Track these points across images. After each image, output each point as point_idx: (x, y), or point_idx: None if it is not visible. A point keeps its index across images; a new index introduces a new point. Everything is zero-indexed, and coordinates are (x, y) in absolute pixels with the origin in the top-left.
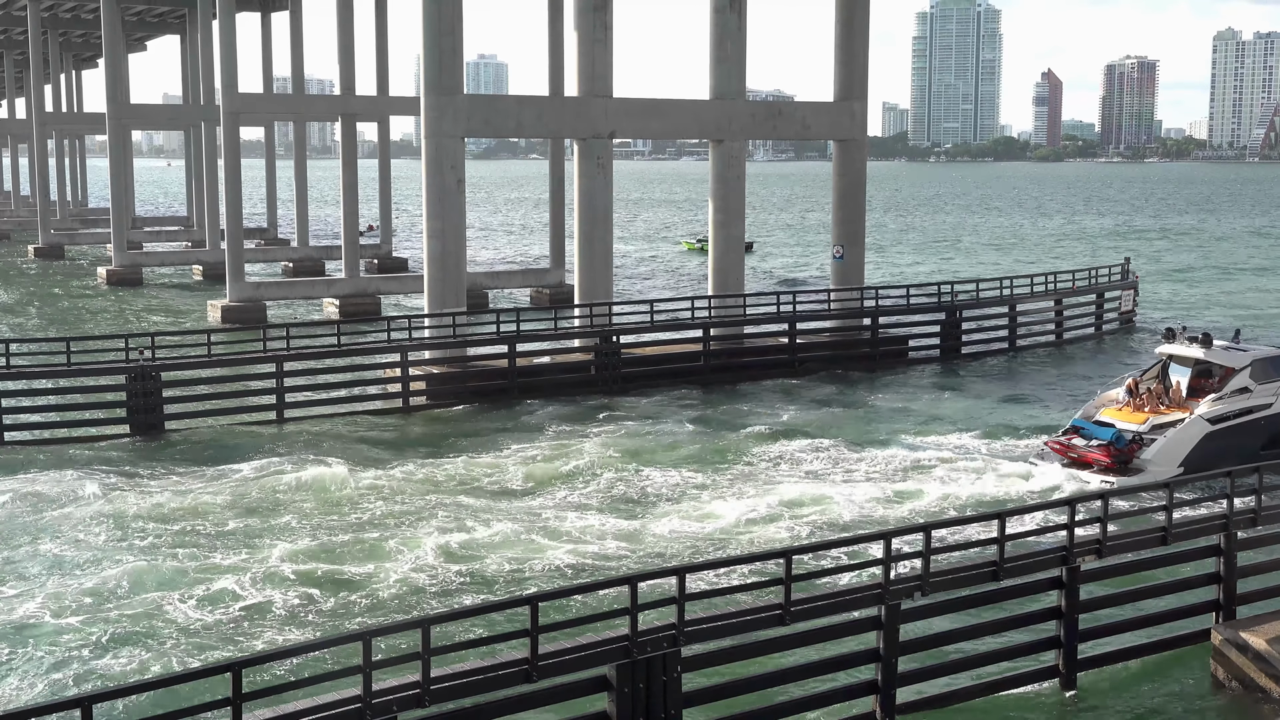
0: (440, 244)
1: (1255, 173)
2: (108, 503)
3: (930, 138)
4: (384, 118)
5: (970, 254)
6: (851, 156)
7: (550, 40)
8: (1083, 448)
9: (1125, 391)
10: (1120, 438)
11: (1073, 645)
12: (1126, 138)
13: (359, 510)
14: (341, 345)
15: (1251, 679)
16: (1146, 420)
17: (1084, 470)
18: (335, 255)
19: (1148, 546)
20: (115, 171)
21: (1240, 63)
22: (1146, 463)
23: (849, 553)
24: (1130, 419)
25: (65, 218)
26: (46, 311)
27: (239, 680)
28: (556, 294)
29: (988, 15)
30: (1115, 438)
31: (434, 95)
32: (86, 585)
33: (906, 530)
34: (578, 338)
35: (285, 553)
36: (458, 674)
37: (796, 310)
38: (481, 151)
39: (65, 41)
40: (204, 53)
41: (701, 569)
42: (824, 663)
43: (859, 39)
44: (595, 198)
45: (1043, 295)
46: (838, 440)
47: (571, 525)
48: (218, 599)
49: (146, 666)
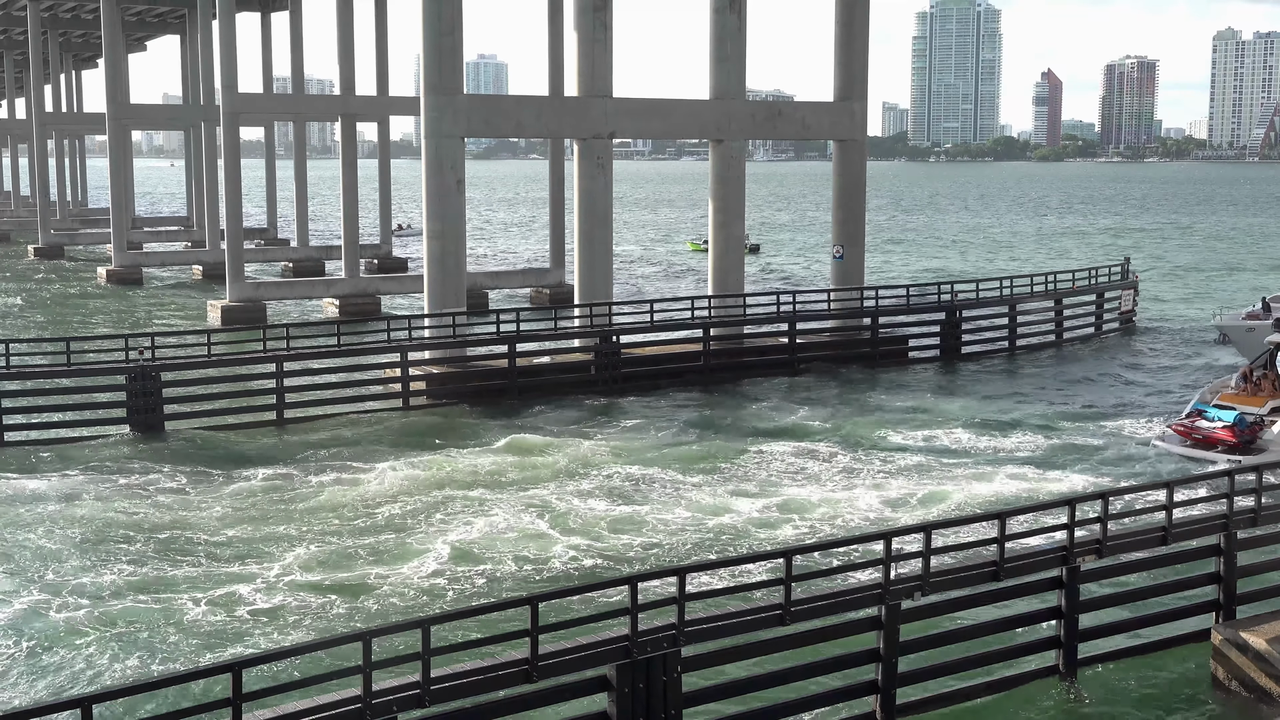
0: (440, 244)
1: (1255, 172)
2: (108, 503)
3: (930, 138)
4: (384, 118)
5: (970, 254)
6: (851, 156)
7: (550, 40)
8: (1207, 428)
9: (1240, 378)
10: (1243, 420)
11: (1073, 645)
12: (1126, 138)
13: (359, 510)
14: (341, 345)
15: (1251, 679)
16: (1265, 404)
17: (1208, 451)
18: (335, 255)
19: (1148, 546)
20: (115, 171)
21: (1240, 62)
22: (1269, 443)
23: (849, 553)
24: (1249, 403)
25: (65, 218)
26: (46, 311)
27: (239, 680)
28: (556, 294)
29: (988, 15)
30: (1238, 420)
31: (434, 95)
32: (87, 585)
33: (906, 530)
34: (578, 338)
35: (287, 553)
36: (458, 674)
37: (796, 310)
38: (481, 151)
39: (65, 41)
40: (204, 53)
41: (701, 569)
42: (824, 663)
43: (859, 39)
44: (595, 198)
45: (1043, 295)
46: (838, 440)
47: (572, 525)
48: (218, 599)
49: (147, 667)
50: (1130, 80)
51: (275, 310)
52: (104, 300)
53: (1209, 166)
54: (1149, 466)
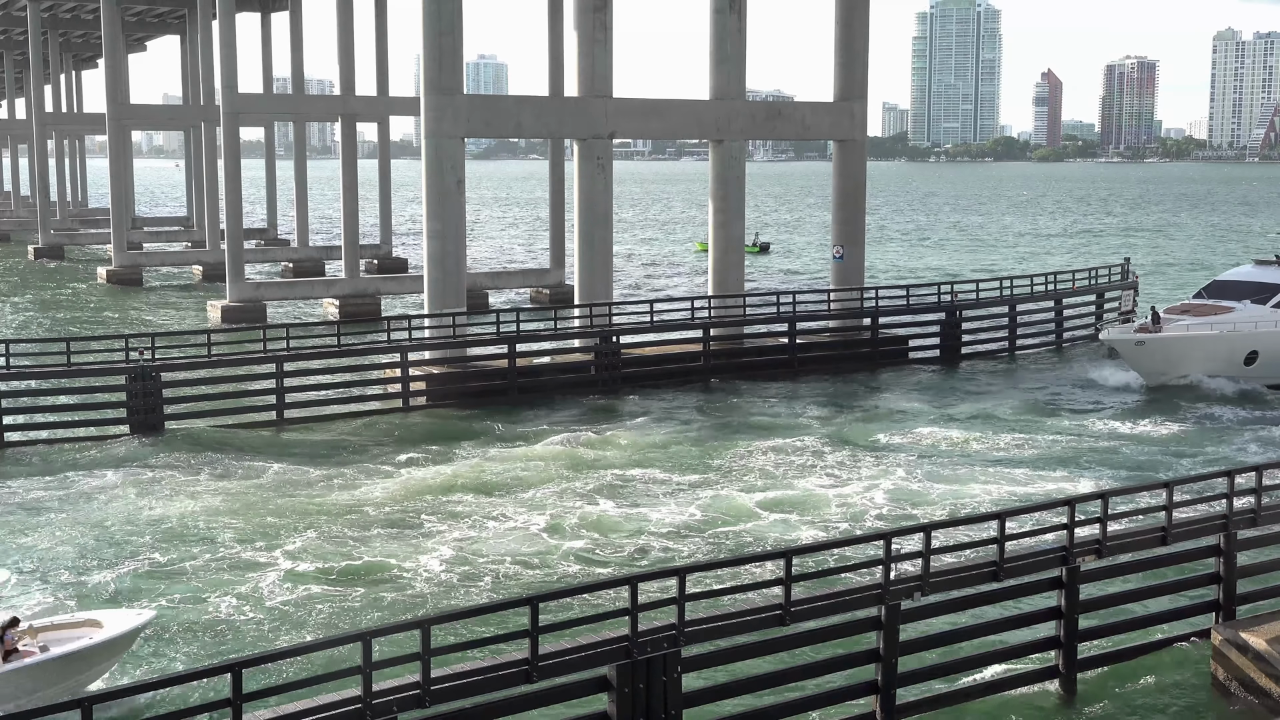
0: (440, 244)
1: (1255, 172)
2: (108, 503)
3: (930, 138)
4: (384, 118)
5: (970, 254)
6: (851, 157)
7: (550, 40)
8: None
9: None
10: None
11: (1073, 645)
12: (1126, 138)
13: (359, 510)
14: (341, 345)
15: (1251, 679)
16: None
17: None
18: (335, 255)
19: (1148, 546)
20: (115, 171)
21: (1240, 63)
22: None
23: (849, 553)
24: None
25: (65, 218)
26: (46, 312)
27: (239, 680)
28: (556, 294)
29: (988, 15)
30: None
31: (434, 95)
32: (87, 585)
33: (906, 530)
34: (578, 338)
35: (287, 554)
36: (458, 674)
37: (796, 310)
38: (481, 151)
39: (65, 42)
40: (204, 53)
41: (701, 569)
42: (824, 663)
43: (859, 39)
44: (595, 198)
45: (1043, 295)
46: (838, 441)
47: (572, 525)
48: (218, 599)
49: (147, 666)
50: (1130, 80)
51: (275, 310)
52: (104, 300)
53: (1209, 167)
54: (1150, 467)
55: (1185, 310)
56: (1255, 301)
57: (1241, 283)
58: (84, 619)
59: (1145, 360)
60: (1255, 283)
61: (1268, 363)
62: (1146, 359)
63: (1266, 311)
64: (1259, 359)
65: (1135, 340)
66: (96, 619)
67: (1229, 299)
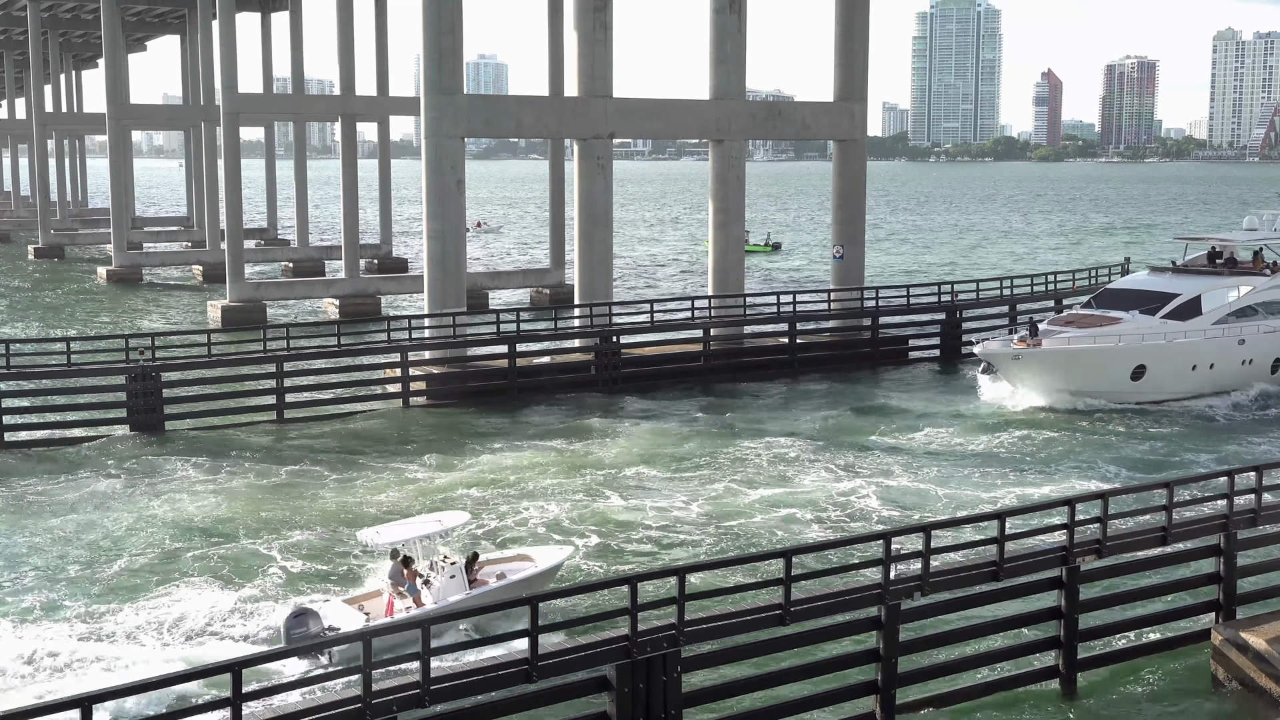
0: (440, 244)
1: (1255, 172)
2: (108, 503)
3: (930, 138)
4: (384, 118)
5: (969, 253)
6: (851, 157)
7: (550, 40)
8: None
9: None
10: None
11: (1073, 645)
12: (1126, 138)
13: (358, 510)
14: (341, 345)
15: (1251, 679)
16: None
17: None
18: (335, 255)
19: (1148, 546)
20: (115, 171)
21: (1240, 63)
22: None
23: (849, 553)
24: None
25: (65, 218)
26: (47, 311)
27: (239, 680)
28: (556, 294)
29: (988, 15)
30: None
31: (434, 95)
32: (86, 585)
33: (906, 530)
34: (578, 338)
35: (287, 553)
36: (458, 674)
37: (796, 310)
38: (481, 151)
39: (65, 41)
40: (204, 53)
41: (701, 569)
42: (824, 663)
43: (859, 40)
44: (595, 198)
45: (1043, 295)
46: (838, 441)
47: (572, 525)
48: (218, 599)
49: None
50: (1130, 80)
51: (275, 310)
52: (104, 300)
53: (1209, 166)
54: (1150, 468)
55: (1069, 322)
56: (1144, 312)
57: (1131, 291)
58: (514, 554)
59: (1023, 375)
60: (1145, 291)
61: (1155, 378)
62: (1024, 374)
63: (1155, 323)
64: (1146, 374)
65: (1011, 354)
66: (526, 554)
67: (1117, 309)
